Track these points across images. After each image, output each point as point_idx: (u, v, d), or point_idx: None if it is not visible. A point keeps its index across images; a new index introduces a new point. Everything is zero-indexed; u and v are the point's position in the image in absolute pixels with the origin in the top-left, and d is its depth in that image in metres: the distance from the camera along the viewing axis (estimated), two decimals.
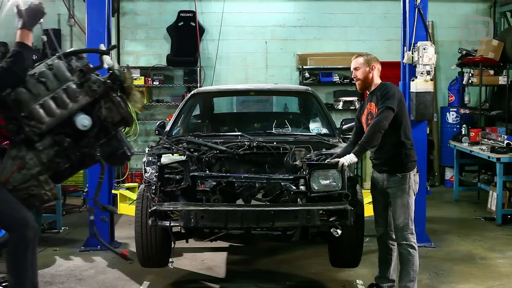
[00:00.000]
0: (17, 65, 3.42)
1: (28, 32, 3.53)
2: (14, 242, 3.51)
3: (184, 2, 9.90)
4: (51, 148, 3.56)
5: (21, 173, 3.53)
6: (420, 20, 6.18)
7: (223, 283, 5.27)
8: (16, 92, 3.48)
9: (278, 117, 6.42)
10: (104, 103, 3.61)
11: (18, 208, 3.52)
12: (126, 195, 6.21)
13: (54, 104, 3.50)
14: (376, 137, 4.39)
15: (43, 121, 3.48)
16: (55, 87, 3.53)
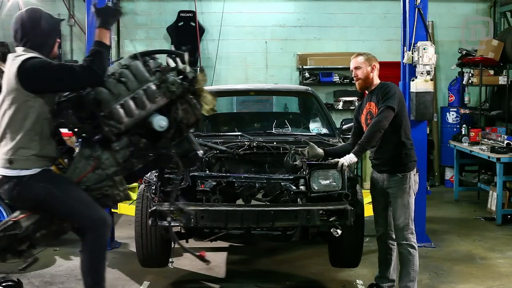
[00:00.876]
0: (97, 64, 3.40)
1: (106, 31, 3.52)
2: (92, 242, 3.45)
3: (184, 2, 9.90)
4: (126, 148, 3.52)
5: (96, 173, 3.49)
6: (420, 20, 6.18)
7: (223, 283, 5.27)
8: (96, 91, 3.44)
9: (278, 117, 6.42)
10: (180, 105, 3.58)
11: (96, 208, 3.49)
12: None
13: (134, 104, 3.45)
14: (376, 136, 4.39)
15: (122, 121, 3.44)
16: (135, 87, 3.48)
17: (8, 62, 3.49)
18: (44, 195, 3.41)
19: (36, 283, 5.18)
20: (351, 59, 4.64)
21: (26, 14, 3.58)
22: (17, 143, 3.40)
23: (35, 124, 3.43)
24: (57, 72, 3.42)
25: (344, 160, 4.41)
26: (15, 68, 3.38)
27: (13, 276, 5.18)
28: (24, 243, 3.52)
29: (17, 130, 3.41)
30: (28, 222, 3.46)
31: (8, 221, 3.49)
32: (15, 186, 3.42)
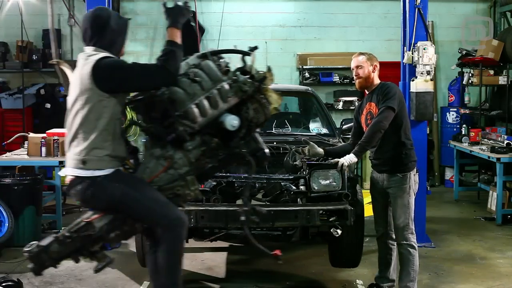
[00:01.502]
0: (171, 64, 3.39)
1: (177, 31, 3.52)
2: (169, 243, 3.42)
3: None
4: (199, 148, 3.50)
5: (169, 173, 3.46)
6: (420, 20, 6.18)
7: (223, 283, 5.27)
8: (171, 91, 3.43)
9: (278, 117, 6.42)
10: (251, 104, 3.58)
11: (172, 208, 3.45)
12: None
13: (208, 104, 3.45)
14: (376, 136, 4.39)
15: (196, 120, 3.42)
16: (210, 87, 3.47)
17: (80, 62, 3.44)
18: (119, 196, 3.37)
19: (36, 283, 5.18)
20: (353, 58, 4.64)
21: (95, 13, 3.53)
22: (90, 143, 3.35)
23: (109, 124, 3.39)
24: (132, 72, 3.41)
25: (344, 160, 4.41)
26: (89, 68, 3.33)
27: (13, 276, 5.19)
28: (97, 244, 3.48)
29: (90, 130, 3.36)
30: (101, 223, 3.42)
31: (80, 222, 3.44)
32: (89, 186, 3.37)
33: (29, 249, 3.39)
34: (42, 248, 3.38)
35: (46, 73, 9.85)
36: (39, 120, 9.54)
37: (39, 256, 3.39)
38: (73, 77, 3.50)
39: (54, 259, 3.43)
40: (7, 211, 5.98)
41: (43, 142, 6.73)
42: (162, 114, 3.46)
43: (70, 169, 3.42)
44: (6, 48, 9.77)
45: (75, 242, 3.42)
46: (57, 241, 3.41)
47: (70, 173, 3.43)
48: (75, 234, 3.41)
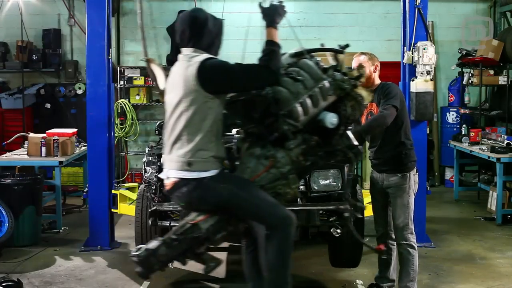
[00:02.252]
0: (274, 64, 3.39)
1: (275, 30, 3.52)
2: (279, 241, 3.39)
3: (184, 2, 9.89)
4: (299, 146, 3.51)
5: (270, 173, 3.46)
6: (420, 20, 6.18)
7: (223, 283, 5.27)
8: (275, 90, 3.45)
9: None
10: (348, 102, 3.60)
11: (280, 206, 3.44)
12: (126, 195, 6.22)
13: (310, 102, 3.47)
14: (375, 129, 4.37)
15: (299, 119, 3.45)
16: (312, 85, 3.50)
17: (182, 63, 3.43)
18: (227, 196, 3.37)
19: (36, 283, 5.18)
20: (354, 57, 4.63)
21: (193, 14, 3.57)
22: (196, 145, 3.34)
23: (213, 125, 3.38)
24: (237, 72, 3.43)
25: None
26: (194, 69, 3.33)
27: (13, 276, 5.19)
28: (202, 245, 3.49)
29: (195, 132, 3.35)
30: (207, 224, 3.42)
31: (186, 224, 3.44)
32: (195, 188, 3.36)
33: (137, 254, 3.39)
34: (150, 252, 3.39)
35: (46, 73, 9.85)
36: (39, 120, 9.53)
37: (148, 260, 3.40)
38: (174, 78, 3.48)
39: (162, 262, 3.44)
40: (7, 211, 5.99)
41: (43, 142, 6.73)
42: (262, 113, 3.48)
43: (174, 172, 3.41)
44: (6, 48, 9.76)
45: (181, 245, 3.42)
46: (165, 244, 3.41)
47: (174, 176, 3.42)
48: (181, 237, 3.41)
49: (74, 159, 7.26)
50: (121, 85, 9.62)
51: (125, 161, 9.92)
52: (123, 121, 9.51)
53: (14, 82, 9.77)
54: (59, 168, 6.90)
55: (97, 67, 6.17)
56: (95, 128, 6.20)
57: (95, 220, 6.24)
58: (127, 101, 9.53)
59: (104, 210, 6.23)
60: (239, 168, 3.55)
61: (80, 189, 8.32)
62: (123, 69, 9.70)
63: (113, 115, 6.45)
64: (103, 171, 6.20)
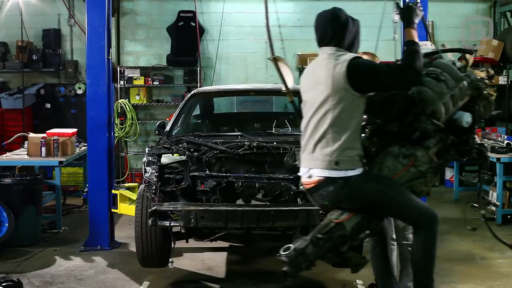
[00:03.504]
0: (418, 64, 3.38)
1: (414, 31, 3.50)
2: (425, 240, 3.42)
3: (184, 2, 9.90)
4: (436, 145, 3.55)
5: (410, 171, 3.49)
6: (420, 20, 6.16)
7: (223, 283, 5.27)
8: (419, 90, 3.47)
9: (278, 117, 6.42)
10: (480, 101, 3.64)
11: (425, 205, 3.48)
12: (126, 195, 6.21)
13: (451, 102, 3.51)
14: None
15: (442, 119, 3.48)
16: (453, 85, 3.53)
17: (327, 62, 3.43)
18: (375, 195, 3.38)
19: (36, 283, 5.18)
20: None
21: (335, 14, 3.64)
22: (342, 144, 3.34)
23: (358, 124, 3.41)
24: (385, 72, 3.40)
25: None
26: (343, 68, 3.34)
27: (13, 276, 5.19)
28: (346, 244, 3.49)
29: (342, 130, 3.35)
30: (352, 223, 3.44)
31: (330, 223, 3.45)
32: (342, 187, 3.36)
33: (286, 253, 3.43)
34: (299, 252, 3.42)
35: (46, 73, 9.85)
36: (39, 120, 9.54)
37: (296, 259, 3.44)
38: (315, 76, 3.49)
39: (310, 261, 3.47)
40: (7, 211, 5.98)
41: (43, 142, 6.73)
42: (400, 113, 3.50)
43: (319, 170, 3.40)
44: (6, 48, 9.76)
45: (327, 244, 3.45)
46: (312, 243, 3.44)
47: (319, 174, 3.41)
48: (327, 236, 3.43)
49: (74, 159, 7.27)
50: (121, 85, 9.62)
51: (125, 161, 9.92)
52: (123, 121, 9.51)
53: (14, 82, 9.77)
54: (59, 168, 6.90)
55: (97, 67, 6.17)
56: (95, 128, 6.20)
57: (95, 220, 6.24)
58: (127, 101, 9.53)
59: (104, 210, 6.23)
60: (376, 167, 3.55)
61: (80, 189, 8.32)
62: (123, 69, 9.71)
63: (113, 115, 6.45)
64: (103, 171, 6.20)
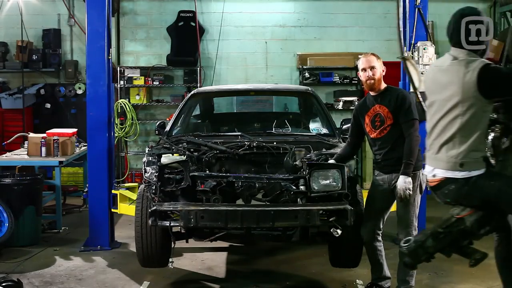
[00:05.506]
0: None
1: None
2: None
3: (184, 2, 9.90)
4: None
5: None
6: (420, 20, 6.18)
7: (223, 283, 5.27)
8: None
9: (278, 117, 6.42)
10: None
11: None
12: (126, 195, 6.22)
13: None
14: (417, 149, 4.48)
15: None
16: None
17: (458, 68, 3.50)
18: (496, 193, 3.45)
19: (36, 283, 5.18)
20: (363, 58, 4.62)
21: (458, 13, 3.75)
22: (469, 146, 3.46)
23: (485, 127, 3.49)
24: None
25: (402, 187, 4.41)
26: (475, 76, 3.39)
27: (13, 276, 5.19)
28: (466, 239, 3.60)
29: (469, 134, 3.46)
30: (472, 219, 3.53)
31: (452, 218, 3.58)
32: (463, 186, 3.49)
33: (407, 245, 3.58)
34: (419, 244, 3.56)
35: (46, 73, 9.84)
36: (39, 120, 9.54)
37: (416, 251, 3.57)
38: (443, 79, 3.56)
39: (429, 254, 3.59)
40: (7, 211, 5.99)
41: (43, 142, 6.73)
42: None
43: (443, 171, 3.57)
44: (6, 48, 9.76)
45: (447, 238, 3.56)
46: (432, 236, 3.57)
47: (442, 175, 3.58)
48: (447, 230, 3.55)
49: (74, 159, 7.26)
50: (121, 85, 9.62)
51: (125, 161, 9.92)
52: (123, 121, 9.51)
53: (14, 82, 9.77)
54: (59, 168, 6.90)
55: (97, 67, 6.17)
56: (95, 128, 6.20)
57: (95, 220, 6.24)
58: (127, 101, 9.53)
59: (104, 210, 6.23)
60: (502, 165, 3.61)
61: (80, 189, 8.32)
62: (123, 69, 9.71)
63: (113, 115, 6.45)
64: (103, 171, 6.21)
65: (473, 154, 3.47)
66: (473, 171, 3.48)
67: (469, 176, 3.48)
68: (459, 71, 3.47)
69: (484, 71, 3.40)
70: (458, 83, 3.45)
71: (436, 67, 3.69)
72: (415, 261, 3.62)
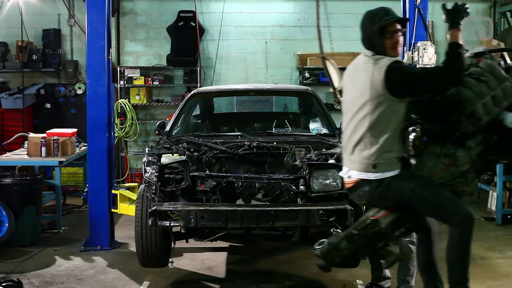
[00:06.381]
0: (458, 65, 3.40)
1: (458, 32, 3.47)
2: (459, 238, 3.49)
3: (184, 2, 9.89)
4: (479, 145, 3.56)
5: (449, 171, 3.52)
6: (420, 20, 6.18)
7: (223, 283, 5.27)
8: (458, 91, 3.49)
9: (278, 117, 6.42)
10: None
11: (460, 204, 3.51)
12: (126, 195, 6.21)
13: (493, 102, 3.50)
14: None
15: (482, 119, 3.48)
16: (495, 86, 3.52)
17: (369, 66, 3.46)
18: (409, 195, 3.44)
19: (36, 283, 5.18)
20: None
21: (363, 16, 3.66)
22: (380, 147, 3.42)
23: (397, 128, 3.46)
24: (424, 77, 3.45)
25: None
26: (382, 74, 3.38)
27: (13, 276, 5.19)
28: (381, 241, 3.58)
29: (379, 134, 3.42)
30: (387, 220, 3.52)
31: (366, 220, 3.55)
32: (376, 187, 3.46)
33: (320, 248, 3.54)
34: (333, 246, 3.53)
35: (46, 73, 9.84)
36: (39, 120, 9.53)
37: (330, 253, 3.55)
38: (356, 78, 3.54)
39: (343, 256, 3.56)
40: (7, 211, 5.98)
41: (43, 142, 6.72)
42: (442, 113, 3.52)
43: (357, 173, 3.51)
44: (6, 48, 9.76)
45: (362, 239, 3.54)
46: (346, 238, 3.54)
47: (356, 176, 3.52)
48: (362, 232, 3.52)
49: (74, 159, 7.26)
50: (121, 85, 9.61)
51: (125, 161, 9.92)
52: (123, 121, 9.51)
53: (14, 82, 9.76)
54: (59, 168, 6.90)
55: (97, 67, 6.17)
56: (95, 128, 6.20)
57: (95, 220, 6.24)
58: (127, 101, 9.53)
59: (104, 210, 6.23)
60: (417, 166, 3.59)
61: (80, 189, 8.32)
62: (123, 69, 9.70)
63: (113, 115, 6.45)
64: (103, 171, 6.20)
65: (386, 155, 3.43)
66: (387, 172, 3.44)
67: (383, 178, 3.44)
68: (368, 69, 3.45)
69: (391, 68, 3.37)
70: (367, 81, 3.42)
71: (352, 65, 3.65)
72: (329, 263, 3.57)
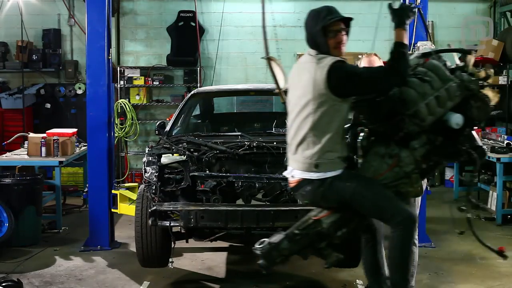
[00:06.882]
0: (402, 65, 3.41)
1: (404, 32, 3.48)
2: (402, 240, 3.46)
3: (184, 2, 9.90)
4: (423, 146, 3.56)
5: (394, 171, 3.52)
6: (420, 20, 6.18)
7: (223, 283, 5.27)
8: (401, 91, 3.49)
9: (278, 117, 6.42)
10: (474, 102, 3.64)
11: (403, 205, 3.51)
12: (126, 195, 6.21)
13: (436, 103, 3.50)
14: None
15: (425, 119, 3.48)
16: (439, 86, 3.53)
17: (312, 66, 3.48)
18: (350, 195, 3.44)
19: (36, 283, 5.18)
20: (365, 57, 4.63)
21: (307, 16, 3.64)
22: (323, 147, 3.41)
23: (340, 127, 3.45)
24: (366, 77, 3.46)
25: None
26: (324, 73, 3.38)
27: (13, 276, 5.19)
28: (323, 241, 3.56)
29: (322, 134, 3.41)
30: (329, 220, 3.51)
31: (308, 220, 3.55)
32: (318, 187, 3.46)
33: (260, 247, 3.52)
34: (273, 246, 3.51)
35: (46, 73, 9.84)
36: (39, 120, 9.54)
37: (270, 253, 3.53)
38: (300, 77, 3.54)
39: (284, 256, 3.55)
40: (7, 211, 5.98)
41: (43, 142, 6.73)
42: (387, 113, 3.52)
43: (299, 172, 3.50)
44: (6, 48, 9.77)
45: (304, 240, 3.53)
46: (287, 238, 3.52)
47: (299, 176, 3.51)
48: (304, 232, 3.51)
49: (74, 159, 7.26)
50: (121, 85, 9.62)
51: (125, 161, 9.92)
52: (123, 121, 9.51)
53: (14, 82, 9.77)
54: (59, 168, 6.90)
55: (97, 67, 6.17)
56: (95, 128, 6.20)
57: (95, 220, 6.24)
58: (127, 101, 9.53)
59: (104, 210, 6.23)
60: (362, 166, 3.60)
61: (80, 189, 8.32)
62: (123, 69, 9.71)
63: (113, 115, 6.45)
64: (103, 171, 6.20)
65: (328, 154, 3.42)
66: (329, 172, 3.43)
67: (325, 177, 3.43)
68: (311, 68, 3.45)
69: (333, 68, 3.37)
70: (310, 80, 3.42)
71: (297, 64, 3.67)
72: (269, 263, 3.55)
